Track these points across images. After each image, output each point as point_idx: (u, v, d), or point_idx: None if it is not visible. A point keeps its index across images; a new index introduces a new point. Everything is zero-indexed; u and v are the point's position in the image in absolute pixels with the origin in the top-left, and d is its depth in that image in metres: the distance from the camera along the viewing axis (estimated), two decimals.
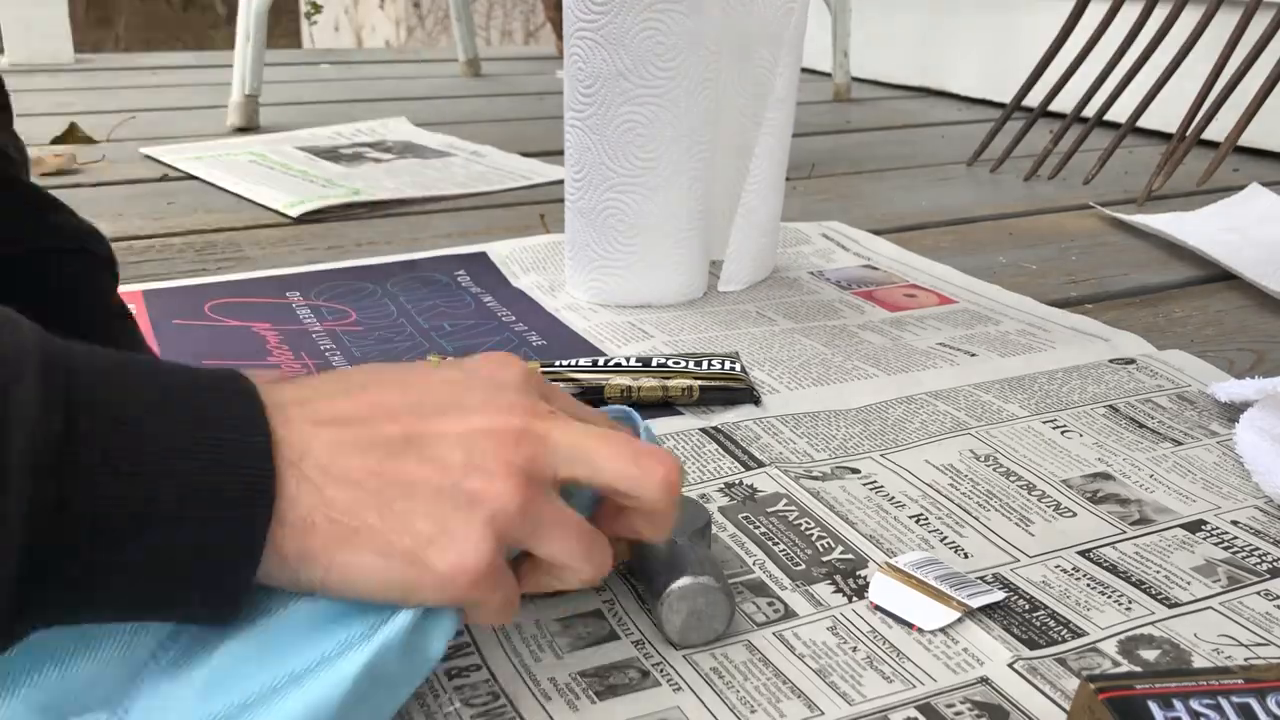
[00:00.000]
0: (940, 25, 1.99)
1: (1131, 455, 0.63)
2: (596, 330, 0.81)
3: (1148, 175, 1.28)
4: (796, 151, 0.99)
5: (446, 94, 1.98)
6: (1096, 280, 0.97)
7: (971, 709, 0.42)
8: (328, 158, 1.40)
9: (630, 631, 0.46)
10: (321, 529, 0.36)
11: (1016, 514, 0.56)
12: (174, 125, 1.62)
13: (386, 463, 0.37)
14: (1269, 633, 0.47)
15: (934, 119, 1.81)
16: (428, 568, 0.36)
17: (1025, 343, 0.79)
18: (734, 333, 0.81)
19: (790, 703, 0.42)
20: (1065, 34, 1.40)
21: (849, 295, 0.90)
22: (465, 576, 0.37)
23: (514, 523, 0.38)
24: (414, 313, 0.84)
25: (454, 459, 0.38)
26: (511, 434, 0.39)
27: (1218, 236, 1.04)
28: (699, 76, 0.81)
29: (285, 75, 2.10)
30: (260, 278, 0.91)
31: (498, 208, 1.20)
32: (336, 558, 0.36)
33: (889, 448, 0.63)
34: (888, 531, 0.54)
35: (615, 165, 0.82)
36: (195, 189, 1.26)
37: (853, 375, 0.73)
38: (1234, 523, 0.56)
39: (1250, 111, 1.23)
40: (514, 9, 4.39)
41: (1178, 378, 0.73)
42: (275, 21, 1.84)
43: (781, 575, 0.51)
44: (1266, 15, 1.23)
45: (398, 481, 0.37)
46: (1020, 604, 0.49)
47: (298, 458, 0.36)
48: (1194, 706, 0.35)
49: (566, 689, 0.43)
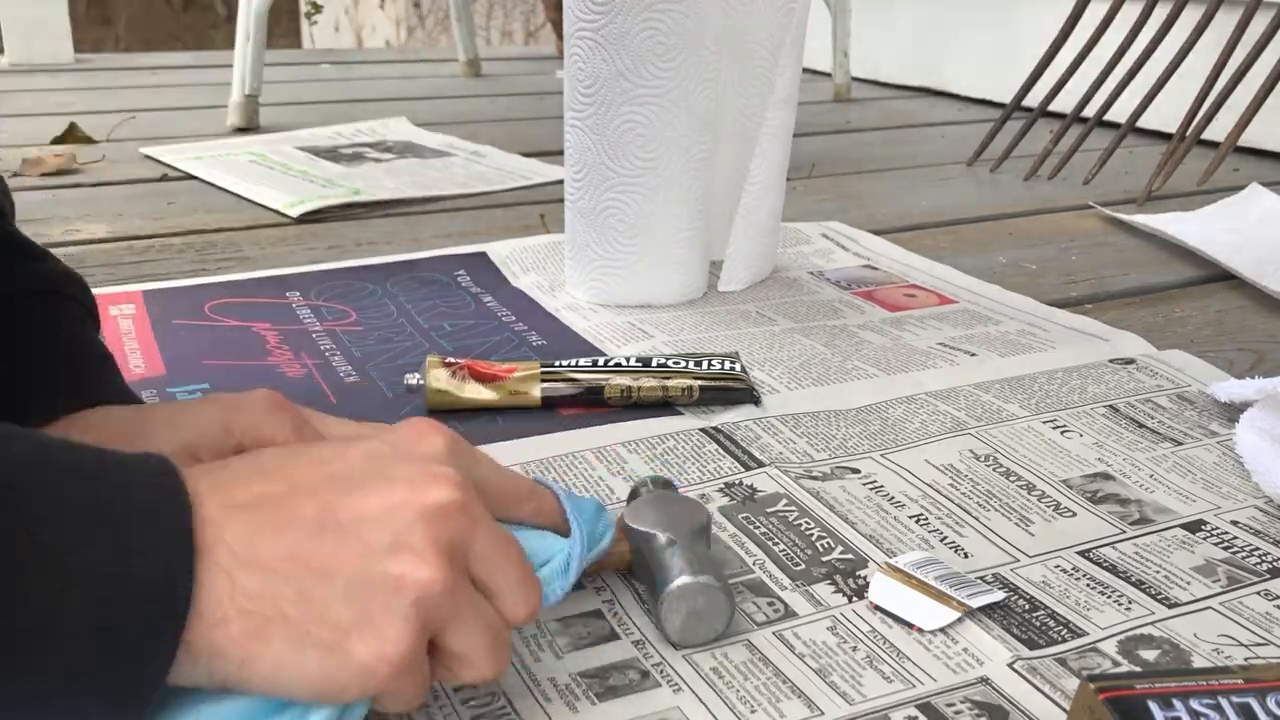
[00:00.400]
0: (940, 25, 1.99)
1: (1131, 455, 0.63)
2: (596, 330, 0.81)
3: (1148, 175, 1.28)
4: (796, 151, 0.99)
5: (446, 94, 1.98)
6: (1096, 280, 0.97)
7: (971, 709, 0.42)
8: (328, 158, 1.40)
9: (630, 631, 0.46)
10: (234, 621, 0.33)
11: (1016, 514, 0.56)
12: (174, 125, 1.62)
13: (304, 545, 0.35)
14: (1269, 633, 0.47)
15: (934, 119, 1.81)
16: (349, 658, 0.34)
17: (1025, 343, 0.79)
18: (734, 333, 0.81)
19: (790, 703, 0.42)
20: (1065, 34, 1.40)
21: (849, 295, 0.90)
22: (388, 667, 0.34)
23: (440, 607, 0.35)
24: (414, 313, 0.84)
25: (377, 538, 0.36)
26: (439, 509, 0.37)
27: (1218, 236, 1.04)
28: (699, 76, 0.81)
29: (285, 75, 2.10)
30: (260, 278, 0.91)
31: (498, 208, 1.20)
32: (250, 650, 0.34)
33: (889, 448, 0.63)
34: (888, 531, 0.54)
35: (615, 165, 0.82)
36: (195, 189, 1.26)
37: (853, 375, 0.73)
38: (1234, 523, 0.56)
39: (1250, 111, 1.23)
40: (514, 9, 4.39)
41: (1178, 378, 0.73)
42: (275, 21, 1.84)
43: (781, 575, 0.51)
44: (1266, 15, 1.23)
45: (315, 566, 0.35)
46: (1020, 604, 0.49)
47: (209, 546, 0.34)
48: (1194, 706, 0.35)
49: (566, 690, 0.43)
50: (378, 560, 0.35)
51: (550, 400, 0.67)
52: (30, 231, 0.57)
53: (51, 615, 0.31)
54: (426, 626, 0.35)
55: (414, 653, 0.35)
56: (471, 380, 0.67)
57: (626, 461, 0.61)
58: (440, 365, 0.67)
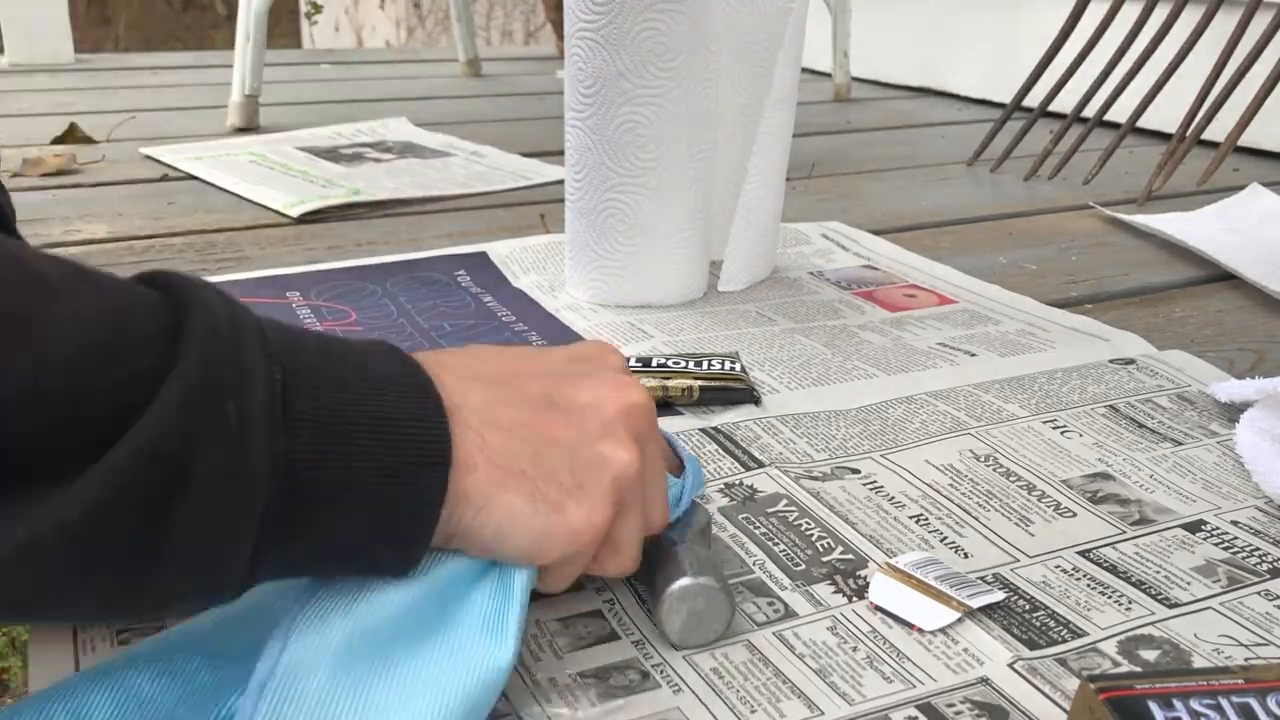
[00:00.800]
0: (940, 25, 1.99)
1: (1131, 455, 0.63)
2: (596, 330, 0.81)
3: (1148, 175, 1.28)
4: (796, 151, 0.99)
5: (446, 94, 1.98)
6: (1096, 280, 0.97)
7: (971, 709, 0.42)
8: (328, 158, 1.40)
9: (630, 632, 0.46)
10: (481, 470, 0.38)
11: (1016, 514, 0.56)
12: (174, 125, 1.62)
13: (535, 416, 0.41)
14: (1269, 633, 0.47)
15: (934, 119, 1.81)
16: (564, 519, 0.39)
17: (1025, 343, 0.79)
18: (734, 333, 0.81)
19: (790, 703, 0.42)
20: (1065, 34, 1.40)
21: (849, 295, 0.90)
22: (591, 531, 0.40)
23: (630, 488, 0.41)
24: (414, 313, 0.84)
25: (590, 422, 0.41)
26: (636, 407, 0.43)
27: (1218, 237, 1.04)
28: (699, 76, 0.81)
29: (285, 75, 2.10)
30: (260, 278, 0.91)
31: (498, 208, 1.20)
32: (492, 497, 0.38)
33: (889, 448, 0.63)
34: (888, 531, 0.54)
35: (615, 165, 0.82)
36: (195, 189, 1.26)
37: (853, 375, 0.73)
38: (1234, 523, 0.56)
39: (1250, 111, 1.23)
40: (514, 9, 4.39)
41: (1178, 378, 0.73)
42: (275, 21, 1.84)
43: (781, 575, 0.51)
44: (1266, 15, 1.23)
45: (544, 435, 0.40)
46: (1020, 604, 0.49)
47: (455, 407, 0.38)
48: (1194, 706, 0.35)
49: (566, 690, 0.43)
50: (591, 440, 0.41)
51: None
52: (30, 232, 0.57)
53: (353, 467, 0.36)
54: (618, 503, 0.41)
55: (609, 522, 0.40)
56: None
57: None
58: None
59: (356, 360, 0.38)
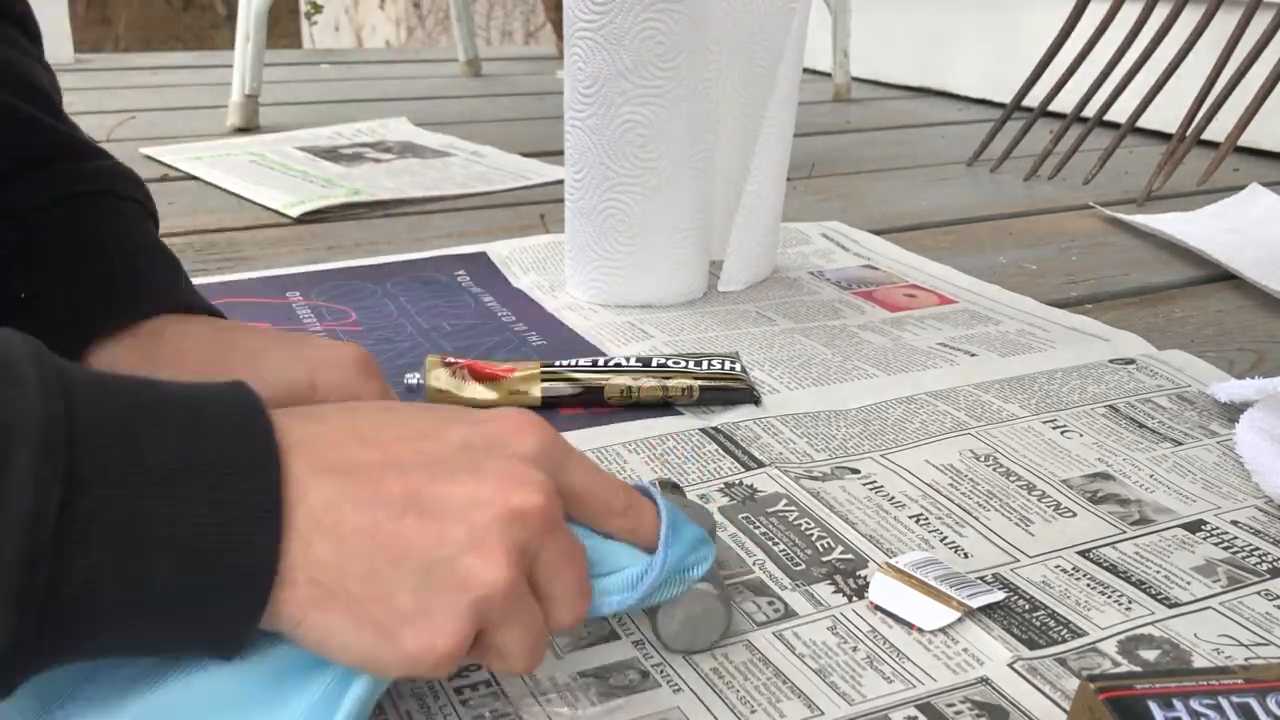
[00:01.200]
0: (940, 25, 1.99)
1: (1131, 455, 0.63)
2: (596, 330, 0.81)
3: (1148, 175, 1.28)
4: (796, 151, 0.99)
5: (446, 94, 1.98)
6: (1096, 280, 0.97)
7: (971, 709, 0.42)
8: (328, 158, 1.40)
9: (630, 632, 0.46)
10: (300, 586, 0.34)
11: (1016, 514, 0.56)
12: (174, 125, 1.62)
13: (384, 525, 0.35)
14: (1269, 633, 0.47)
15: (934, 119, 1.81)
16: (397, 644, 0.34)
17: (1025, 343, 0.79)
18: (734, 333, 0.81)
19: (790, 703, 0.42)
20: (1065, 34, 1.40)
21: (849, 295, 0.90)
22: (433, 658, 0.35)
23: (496, 609, 0.36)
24: (414, 313, 0.84)
25: (455, 530, 0.35)
26: (520, 513, 0.36)
27: (1218, 236, 1.04)
28: (699, 76, 0.81)
29: (285, 75, 2.10)
30: (260, 278, 0.91)
31: (498, 208, 1.20)
32: (308, 617, 0.34)
33: (889, 448, 0.63)
34: (888, 531, 0.54)
35: (615, 165, 0.82)
36: (195, 189, 1.26)
37: (853, 375, 0.73)
38: (1234, 523, 0.56)
39: (1250, 111, 1.23)
40: (514, 9, 4.39)
41: (1178, 378, 0.73)
42: (275, 21, 1.84)
43: (781, 575, 0.51)
44: (1266, 15, 1.23)
45: (390, 547, 0.35)
46: (1020, 604, 0.49)
47: (290, 506, 0.34)
48: (1194, 706, 0.35)
49: (566, 690, 0.43)
50: (453, 552, 0.35)
51: (550, 400, 0.67)
52: None
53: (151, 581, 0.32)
54: (479, 624, 0.36)
55: (461, 648, 0.35)
56: (471, 380, 0.67)
57: (627, 461, 0.61)
58: (440, 365, 0.67)
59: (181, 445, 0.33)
